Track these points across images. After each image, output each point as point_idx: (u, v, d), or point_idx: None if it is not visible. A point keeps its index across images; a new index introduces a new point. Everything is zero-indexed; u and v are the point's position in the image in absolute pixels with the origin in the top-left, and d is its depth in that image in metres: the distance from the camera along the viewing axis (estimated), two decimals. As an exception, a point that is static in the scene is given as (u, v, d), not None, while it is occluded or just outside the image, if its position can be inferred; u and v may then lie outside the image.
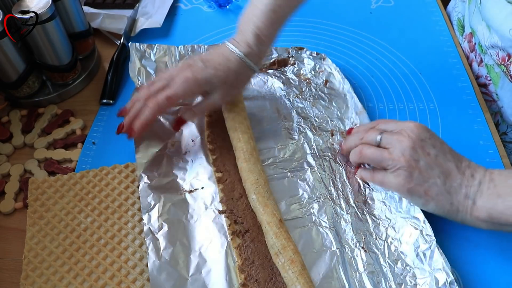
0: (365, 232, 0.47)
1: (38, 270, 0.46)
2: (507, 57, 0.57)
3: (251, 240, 0.46)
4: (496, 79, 0.64)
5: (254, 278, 0.44)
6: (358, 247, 0.46)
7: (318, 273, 0.44)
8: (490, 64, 0.65)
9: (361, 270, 0.44)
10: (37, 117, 0.63)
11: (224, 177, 0.52)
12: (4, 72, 0.59)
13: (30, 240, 0.48)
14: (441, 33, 0.74)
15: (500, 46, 0.57)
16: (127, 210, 0.51)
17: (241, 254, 0.45)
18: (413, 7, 0.79)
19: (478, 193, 0.43)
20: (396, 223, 0.47)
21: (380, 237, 0.47)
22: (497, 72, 0.63)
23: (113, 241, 0.48)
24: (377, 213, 0.49)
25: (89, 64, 0.69)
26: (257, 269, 0.44)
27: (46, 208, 0.51)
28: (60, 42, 0.61)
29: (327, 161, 0.54)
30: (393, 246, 0.46)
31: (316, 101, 0.61)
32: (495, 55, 0.59)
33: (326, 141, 0.56)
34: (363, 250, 0.46)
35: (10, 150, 0.59)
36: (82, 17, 0.67)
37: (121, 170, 0.54)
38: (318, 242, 0.47)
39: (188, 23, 0.79)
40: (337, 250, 0.46)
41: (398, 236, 0.46)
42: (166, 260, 0.45)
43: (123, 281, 0.45)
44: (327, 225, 0.48)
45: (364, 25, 0.76)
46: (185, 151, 0.55)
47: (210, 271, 0.45)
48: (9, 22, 0.56)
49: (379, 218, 0.48)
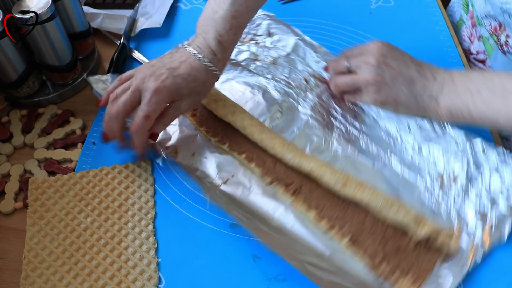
0: (385, 142, 0.54)
1: (38, 270, 0.46)
2: (498, 26, 0.60)
3: (309, 191, 0.50)
4: (490, 51, 0.66)
5: (333, 217, 0.48)
6: (389, 154, 0.53)
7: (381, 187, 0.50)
8: (485, 36, 0.67)
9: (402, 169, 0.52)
10: (37, 117, 0.63)
11: (250, 155, 0.54)
12: (4, 72, 0.59)
13: (30, 240, 0.48)
14: (441, 33, 0.73)
15: (492, 14, 0.60)
16: (127, 210, 0.51)
17: (309, 206, 0.49)
18: (413, 7, 0.79)
19: (439, 92, 0.48)
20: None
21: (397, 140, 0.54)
22: (491, 44, 0.65)
23: (113, 241, 0.48)
24: (382, 124, 0.55)
25: (89, 64, 0.69)
26: (331, 209, 0.48)
27: (46, 208, 0.51)
28: (60, 42, 0.61)
29: (318, 104, 0.59)
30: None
31: (275, 59, 0.65)
32: (489, 25, 0.62)
33: (305, 89, 0.61)
34: (394, 154, 0.53)
35: (10, 150, 0.59)
36: (82, 17, 0.67)
37: (121, 170, 0.54)
38: (359, 165, 0.52)
39: (188, 23, 0.79)
40: (378, 163, 0.52)
41: None
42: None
43: (123, 281, 0.45)
44: (353, 150, 0.54)
45: (364, 25, 0.76)
46: (192, 152, 0.55)
47: (293, 233, 0.47)
48: (9, 22, 0.56)
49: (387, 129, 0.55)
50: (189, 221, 0.51)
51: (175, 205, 0.52)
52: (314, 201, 0.49)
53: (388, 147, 0.54)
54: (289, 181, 0.51)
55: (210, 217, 0.51)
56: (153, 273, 0.46)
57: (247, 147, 0.55)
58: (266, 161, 0.53)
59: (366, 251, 0.45)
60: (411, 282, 0.43)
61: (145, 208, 0.51)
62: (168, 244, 0.49)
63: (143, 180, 0.54)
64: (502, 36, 0.59)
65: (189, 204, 0.52)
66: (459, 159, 0.51)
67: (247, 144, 0.55)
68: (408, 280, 0.43)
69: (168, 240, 0.49)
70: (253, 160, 0.54)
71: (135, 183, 0.53)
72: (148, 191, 0.53)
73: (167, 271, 0.47)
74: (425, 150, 0.53)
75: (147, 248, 0.48)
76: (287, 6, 0.81)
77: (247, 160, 0.54)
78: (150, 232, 0.49)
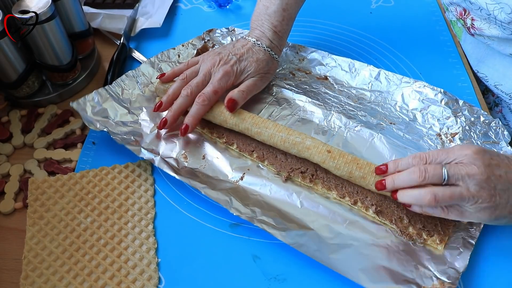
0: (382, 113, 0.59)
1: (38, 270, 0.46)
2: (463, 11, 0.62)
3: (325, 174, 0.52)
4: (460, 33, 0.70)
5: (354, 192, 0.50)
6: (387, 122, 0.58)
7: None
8: (453, 20, 0.70)
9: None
10: (37, 117, 0.63)
11: (260, 154, 0.55)
12: (4, 72, 0.59)
13: (30, 240, 0.48)
14: (441, 33, 0.74)
15: (456, 2, 0.62)
16: (127, 210, 0.51)
17: (329, 188, 0.51)
18: (413, 7, 0.79)
19: None
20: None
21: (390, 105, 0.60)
22: (459, 27, 0.69)
23: (113, 241, 0.48)
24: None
25: (89, 64, 0.69)
26: (349, 186, 0.51)
27: (46, 208, 0.51)
28: (60, 42, 0.61)
29: (309, 91, 0.63)
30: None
31: None
32: (454, 11, 0.65)
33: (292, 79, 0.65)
34: (392, 124, 0.58)
35: (10, 150, 0.59)
36: (82, 17, 0.67)
37: (121, 170, 0.54)
38: (358, 141, 0.56)
39: (188, 23, 0.79)
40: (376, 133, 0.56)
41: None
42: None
43: (123, 281, 0.45)
44: (356, 125, 0.57)
45: (364, 25, 0.76)
46: (203, 155, 0.55)
47: (320, 216, 0.49)
48: (9, 22, 0.56)
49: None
50: (189, 221, 0.51)
51: (175, 205, 0.52)
52: (332, 182, 0.51)
53: (386, 117, 0.59)
54: (304, 169, 0.53)
55: (210, 217, 0.51)
56: (153, 273, 0.46)
57: (254, 145, 0.55)
58: (276, 155, 0.54)
59: (392, 218, 0.48)
60: (438, 240, 0.46)
61: (145, 208, 0.51)
62: (168, 244, 0.49)
63: (143, 180, 0.54)
64: (468, 20, 0.62)
65: (189, 204, 0.52)
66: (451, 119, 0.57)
67: (254, 143, 0.56)
68: (434, 239, 0.46)
69: (168, 240, 0.49)
70: (265, 158, 0.54)
71: (135, 183, 0.53)
72: (148, 191, 0.53)
73: (167, 271, 0.47)
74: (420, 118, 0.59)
75: (147, 248, 0.48)
76: (287, 6, 0.81)
77: (259, 160, 0.54)
78: (150, 232, 0.49)
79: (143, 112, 0.60)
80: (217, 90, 0.55)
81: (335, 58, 0.66)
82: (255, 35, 0.60)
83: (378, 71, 0.63)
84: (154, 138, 0.57)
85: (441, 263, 0.44)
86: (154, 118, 0.59)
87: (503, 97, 0.67)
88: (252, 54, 0.58)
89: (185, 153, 0.55)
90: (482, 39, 0.62)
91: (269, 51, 0.60)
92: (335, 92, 0.63)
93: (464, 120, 0.57)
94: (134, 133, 0.57)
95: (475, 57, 0.68)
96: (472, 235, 0.46)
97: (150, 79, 0.64)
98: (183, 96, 0.56)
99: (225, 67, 0.57)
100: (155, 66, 0.65)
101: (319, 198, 0.51)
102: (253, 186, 0.52)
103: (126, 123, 0.58)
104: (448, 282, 0.43)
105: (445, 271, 0.44)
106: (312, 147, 0.51)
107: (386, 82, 0.63)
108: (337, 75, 0.65)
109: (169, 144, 0.56)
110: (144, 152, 0.54)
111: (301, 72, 0.67)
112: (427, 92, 0.60)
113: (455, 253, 0.45)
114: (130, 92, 0.62)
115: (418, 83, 0.61)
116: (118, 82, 0.62)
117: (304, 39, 0.74)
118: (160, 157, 0.54)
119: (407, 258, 0.45)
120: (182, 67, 0.60)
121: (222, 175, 0.53)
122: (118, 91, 0.61)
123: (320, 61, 0.67)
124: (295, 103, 0.61)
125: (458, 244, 0.46)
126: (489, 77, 0.67)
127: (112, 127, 0.57)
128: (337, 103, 0.61)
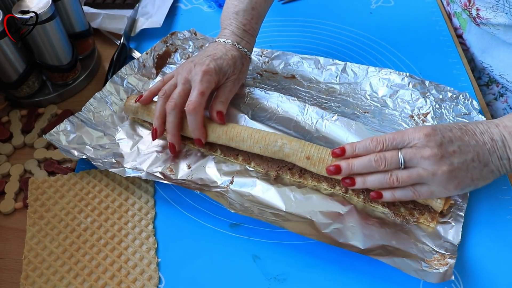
0: (354, 104, 0.61)
1: (38, 270, 0.46)
2: (468, 2, 0.64)
3: (313, 167, 0.51)
4: (464, 25, 0.71)
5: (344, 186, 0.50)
6: (360, 112, 0.59)
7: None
8: (458, 11, 0.71)
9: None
10: (37, 117, 0.63)
11: (245, 156, 0.54)
12: (4, 72, 0.59)
13: (30, 240, 0.48)
14: (441, 33, 0.74)
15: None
16: (127, 210, 0.51)
17: (319, 180, 0.52)
18: (413, 7, 0.79)
19: (506, 149, 0.46)
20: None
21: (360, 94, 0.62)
22: (464, 18, 0.70)
23: (113, 241, 0.48)
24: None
25: (89, 64, 0.69)
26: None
27: (46, 208, 0.51)
28: (60, 42, 0.61)
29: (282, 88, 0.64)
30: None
31: None
32: (459, 2, 0.66)
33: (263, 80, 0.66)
34: (366, 113, 0.59)
35: (10, 150, 0.59)
36: (82, 17, 0.67)
37: (121, 170, 0.54)
38: (338, 131, 0.56)
39: (188, 23, 0.79)
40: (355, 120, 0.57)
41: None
42: None
43: (123, 281, 0.45)
44: (333, 115, 0.57)
45: (364, 25, 0.76)
46: (188, 165, 0.55)
47: (316, 206, 0.49)
48: (9, 22, 0.56)
49: None
50: (189, 221, 0.51)
51: (175, 205, 0.52)
52: (321, 175, 0.51)
53: (358, 106, 0.60)
54: (291, 165, 0.53)
55: (210, 217, 0.51)
56: (153, 273, 0.46)
57: (236, 150, 0.55)
58: (262, 156, 0.54)
59: (383, 202, 0.50)
60: (430, 218, 0.48)
61: (145, 208, 0.51)
62: (168, 244, 0.49)
63: (143, 180, 0.54)
64: (473, 10, 0.63)
65: (189, 204, 0.52)
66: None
67: (235, 149, 0.55)
68: (426, 217, 0.48)
69: (168, 240, 0.49)
70: (251, 159, 0.54)
71: (135, 183, 0.53)
72: (148, 191, 0.53)
73: (167, 271, 0.47)
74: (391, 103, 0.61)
75: (147, 248, 0.48)
76: (287, 6, 0.81)
77: (245, 162, 0.54)
78: (150, 232, 0.49)
79: (119, 132, 0.58)
80: (203, 91, 0.53)
81: (300, 57, 0.67)
82: (225, 35, 0.60)
83: (343, 64, 0.65)
84: (136, 155, 0.55)
85: (437, 238, 0.47)
86: (132, 136, 0.58)
87: (508, 86, 0.68)
88: (226, 52, 0.57)
89: (170, 166, 0.54)
90: (488, 29, 0.63)
91: (241, 48, 0.59)
92: (305, 88, 0.64)
93: (433, 99, 0.60)
94: (114, 154, 0.55)
95: (480, 47, 0.69)
96: (460, 207, 0.49)
97: (119, 97, 0.62)
98: (170, 112, 0.53)
99: (202, 67, 0.54)
100: (121, 82, 0.63)
101: (311, 192, 0.51)
102: (245, 188, 0.52)
103: (104, 146, 0.56)
104: (448, 254, 0.44)
105: (442, 245, 0.46)
106: (292, 154, 0.51)
107: (353, 74, 0.65)
108: (304, 73, 0.66)
109: (152, 159, 0.55)
110: (129, 171, 0.52)
111: (267, 72, 0.67)
112: (393, 78, 0.62)
113: (448, 227, 0.47)
114: (102, 114, 0.60)
115: (384, 71, 0.63)
116: (87, 107, 0.59)
117: (304, 39, 0.74)
118: (146, 172, 0.52)
119: (404, 236, 0.47)
120: (159, 84, 0.57)
121: (211, 181, 0.53)
122: (90, 116, 0.59)
123: (285, 61, 0.68)
124: (268, 101, 0.60)
125: (449, 218, 0.48)
126: (494, 67, 0.68)
127: (90, 152, 0.55)
128: (310, 97, 0.62)
